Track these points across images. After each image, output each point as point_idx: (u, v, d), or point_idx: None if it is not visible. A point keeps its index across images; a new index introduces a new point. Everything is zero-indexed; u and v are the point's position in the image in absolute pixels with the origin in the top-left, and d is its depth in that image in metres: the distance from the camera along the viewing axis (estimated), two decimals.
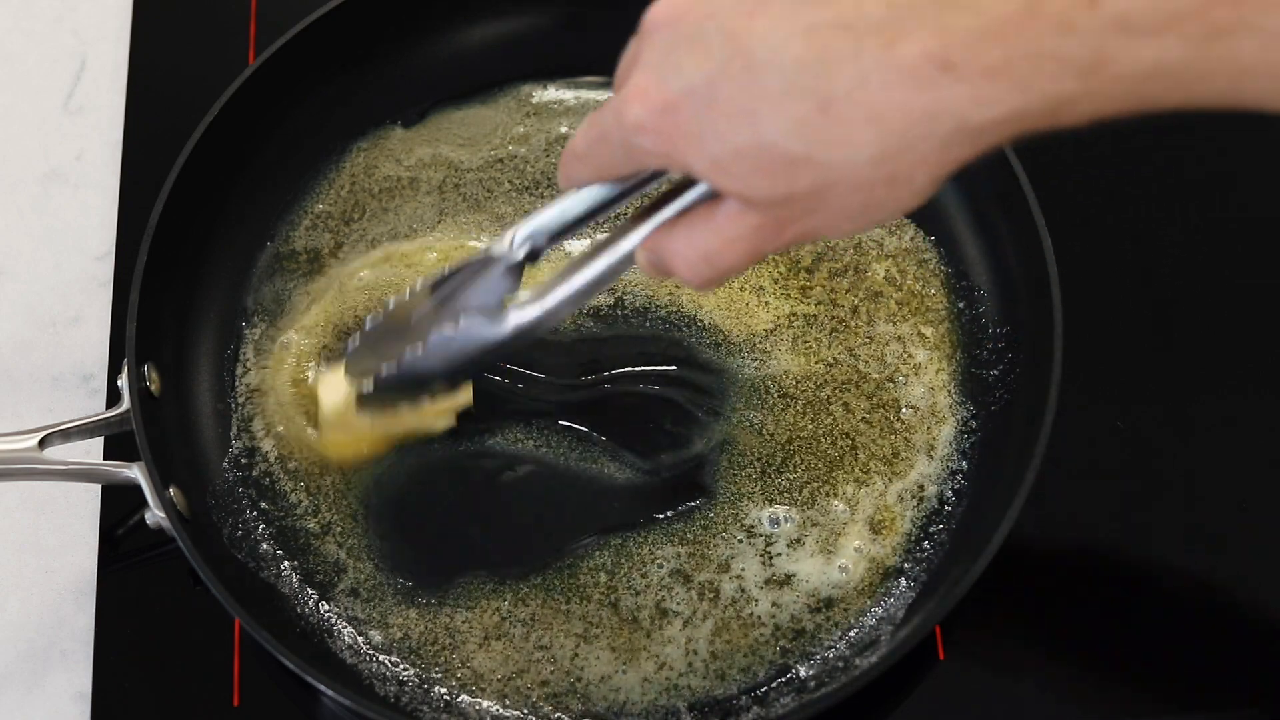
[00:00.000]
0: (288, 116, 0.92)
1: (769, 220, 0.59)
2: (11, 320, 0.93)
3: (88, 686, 0.82)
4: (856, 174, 0.55)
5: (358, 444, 0.82)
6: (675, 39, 0.57)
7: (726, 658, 0.80)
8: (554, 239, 0.68)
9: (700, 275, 0.62)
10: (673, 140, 0.57)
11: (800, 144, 0.55)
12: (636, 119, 0.58)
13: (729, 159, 0.56)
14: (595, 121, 0.62)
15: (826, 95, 0.54)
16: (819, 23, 0.54)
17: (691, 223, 0.62)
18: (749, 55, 0.55)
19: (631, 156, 0.60)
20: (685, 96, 0.56)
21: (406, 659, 0.80)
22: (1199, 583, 0.84)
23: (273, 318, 0.89)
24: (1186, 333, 0.90)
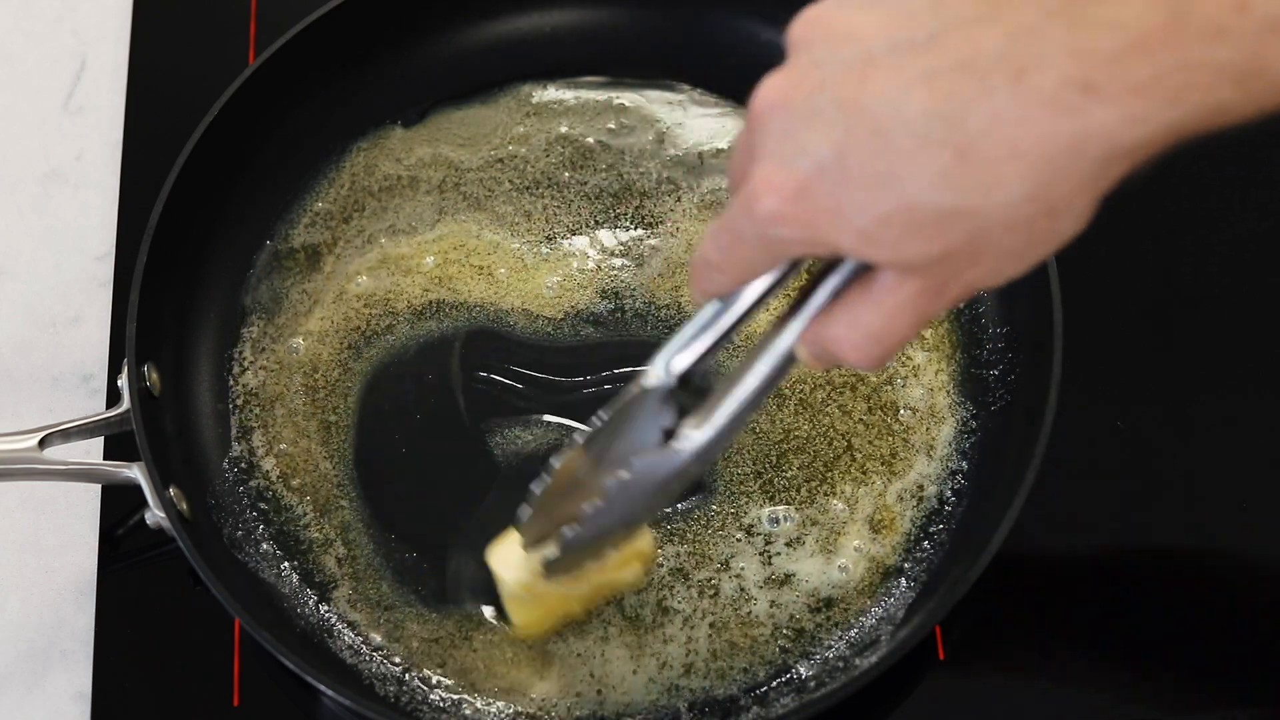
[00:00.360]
0: (288, 116, 0.92)
1: (929, 283, 0.56)
2: (11, 320, 0.93)
3: (88, 686, 0.82)
4: (1012, 215, 0.53)
5: (548, 615, 0.79)
6: (790, 120, 0.54)
7: (727, 657, 0.80)
8: (704, 357, 0.65)
9: (871, 356, 0.58)
10: (813, 223, 0.55)
11: (947, 196, 0.52)
12: (771, 211, 0.55)
13: (876, 228, 0.53)
14: (724, 227, 0.59)
15: (963, 141, 0.51)
16: (935, 69, 0.51)
17: (849, 305, 0.58)
18: (872, 118, 0.52)
19: (772, 250, 0.58)
20: (816, 176, 0.54)
21: (407, 659, 0.80)
22: (1199, 583, 0.84)
23: (270, 315, 0.89)
24: (1186, 333, 0.90)
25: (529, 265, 0.90)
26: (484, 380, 0.87)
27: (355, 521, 0.83)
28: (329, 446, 0.85)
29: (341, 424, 0.86)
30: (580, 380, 0.87)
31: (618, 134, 0.94)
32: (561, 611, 0.79)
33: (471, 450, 0.85)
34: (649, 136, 0.94)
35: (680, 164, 0.93)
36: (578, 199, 0.92)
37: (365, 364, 0.87)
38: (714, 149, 0.93)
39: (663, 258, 0.90)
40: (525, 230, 0.91)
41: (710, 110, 0.95)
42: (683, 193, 0.92)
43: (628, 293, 0.89)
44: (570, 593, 0.78)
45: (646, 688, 0.79)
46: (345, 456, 0.85)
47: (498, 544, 0.78)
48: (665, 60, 0.96)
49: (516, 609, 0.79)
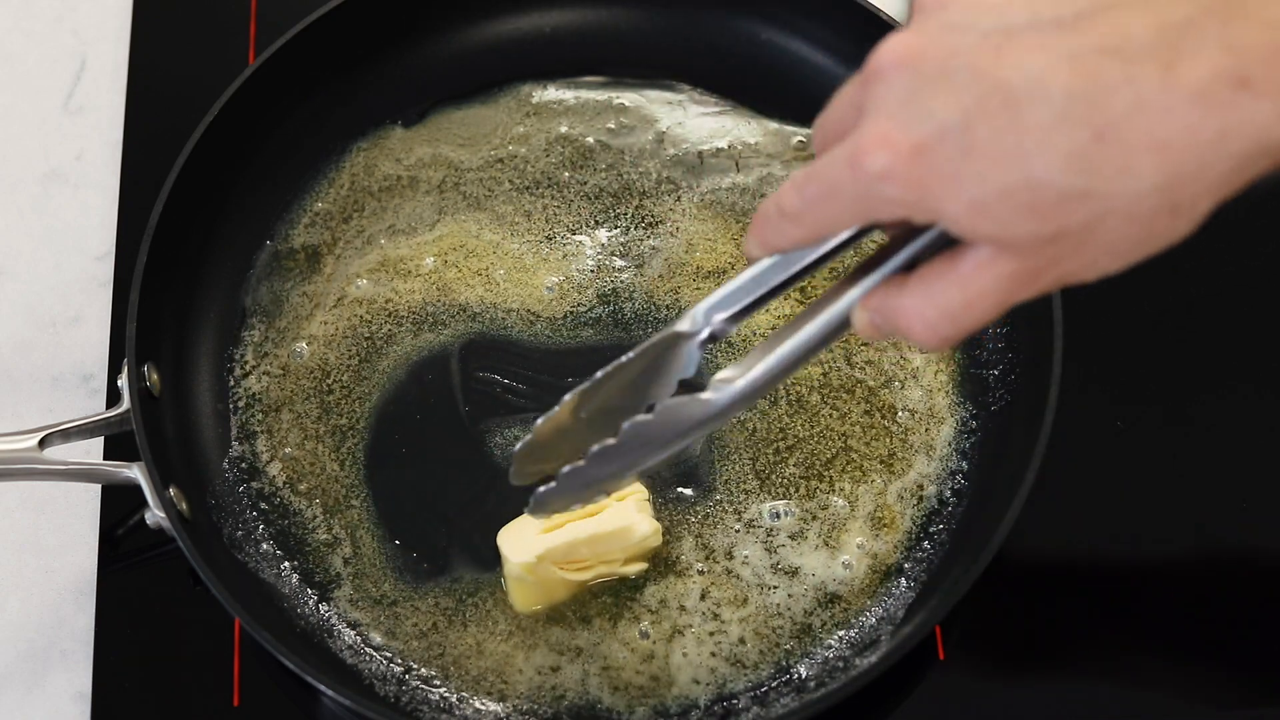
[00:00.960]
0: (288, 116, 0.92)
1: (1025, 266, 0.54)
2: (11, 320, 0.93)
3: (88, 686, 0.82)
4: (1137, 205, 0.52)
5: (548, 595, 0.80)
6: (916, 81, 0.53)
7: (729, 656, 0.80)
8: (743, 314, 0.62)
9: (940, 335, 0.56)
10: (925, 185, 0.53)
11: (1076, 177, 0.51)
12: (882, 166, 0.53)
13: (993, 201, 0.52)
14: (813, 178, 0.56)
15: (1101, 124, 0.50)
16: (1081, 49, 0.51)
17: (929, 276, 0.56)
18: (1007, 90, 0.51)
19: (867, 208, 0.55)
20: (938, 139, 0.52)
21: (407, 659, 0.80)
22: (1199, 583, 0.84)
23: (271, 319, 0.89)
24: (1186, 333, 0.90)
25: (529, 266, 0.90)
26: (484, 381, 0.87)
27: (362, 521, 0.83)
28: (336, 449, 0.85)
29: (347, 427, 0.86)
30: (580, 381, 0.86)
31: (617, 134, 0.94)
32: (558, 595, 0.80)
33: (471, 451, 0.85)
34: (649, 136, 0.94)
35: (680, 163, 0.93)
36: (578, 199, 0.92)
37: (367, 366, 0.87)
38: (714, 148, 0.93)
39: (663, 258, 0.90)
40: (525, 230, 0.91)
41: (710, 110, 0.95)
42: (682, 192, 0.92)
43: (627, 293, 0.89)
44: (570, 579, 0.79)
45: (648, 688, 0.79)
46: (349, 458, 0.85)
47: (508, 528, 0.79)
48: (665, 60, 0.96)
49: (515, 587, 0.80)
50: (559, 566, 0.79)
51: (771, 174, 0.92)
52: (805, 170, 0.57)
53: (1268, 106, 0.50)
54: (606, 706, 0.79)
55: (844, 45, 0.93)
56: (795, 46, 0.95)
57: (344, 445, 0.85)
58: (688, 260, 0.90)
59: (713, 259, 0.90)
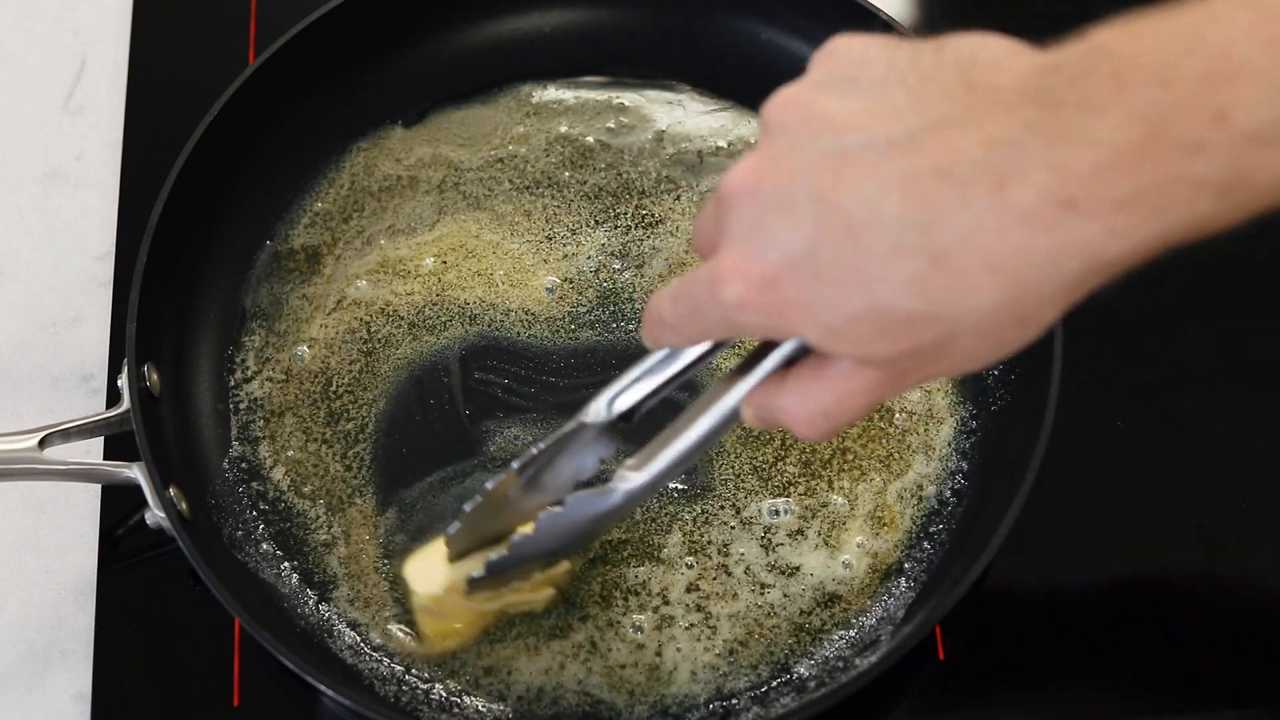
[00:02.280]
0: (288, 116, 0.92)
1: (887, 373, 0.56)
2: (11, 320, 0.93)
3: (88, 686, 0.82)
4: (981, 322, 0.52)
5: (458, 629, 0.80)
6: (761, 208, 0.54)
7: (730, 654, 0.80)
8: (647, 399, 0.67)
9: (818, 430, 0.59)
10: (779, 314, 0.55)
11: (919, 302, 0.52)
12: (737, 298, 0.55)
13: (844, 325, 0.54)
14: (685, 294, 0.59)
15: (937, 249, 0.51)
16: (913, 173, 0.51)
17: (802, 379, 0.58)
18: (846, 216, 0.52)
19: (730, 330, 0.58)
20: (785, 268, 0.54)
21: (407, 659, 0.80)
22: (1199, 582, 0.84)
23: (271, 322, 0.89)
24: (1186, 333, 0.90)
25: (528, 266, 0.90)
26: (484, 382, 0.87)
27: (362, 522, 0.83)
28: (338, 451, 0.85)
29: (349, 429, 0.86)
30: (580, 381, 0.87)
31: (617, 133, 0.94)
32: (470, 627, 0.79)
33: (471, 451, 0.85)
34: (648, 136, 0.94)
35: (680, 163, 0.93)
36: (577, 199, 0.92)
37: (368, 369, 0.87)
38: (713, 147, 0.93)
39: (663, 258, 0.90)
40: (525, 230, 0.91)
41: (709, 109, 0.95)
42: (682, 191, 0.92)
43: (627, 293, 0.89)
44: (480, 609, 0.79)
45: (649, 687, 0.79)
46: (351, 460, 0.85)
47: (413, 557, 0.80)
48: (665, 60, 0.96)
49: (424, 619, 0.79)
50: (464, 596, 0.77)
51: None
52: (679, 283, 0.60)
53: (1095, 226, 0.50)
54: (607, 705, 0.79)
55: None
56: (795, 46, 0.95)
57: (346, 447, 0.85)
58: (688, 260, 0.90)
59: None
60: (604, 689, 0.79)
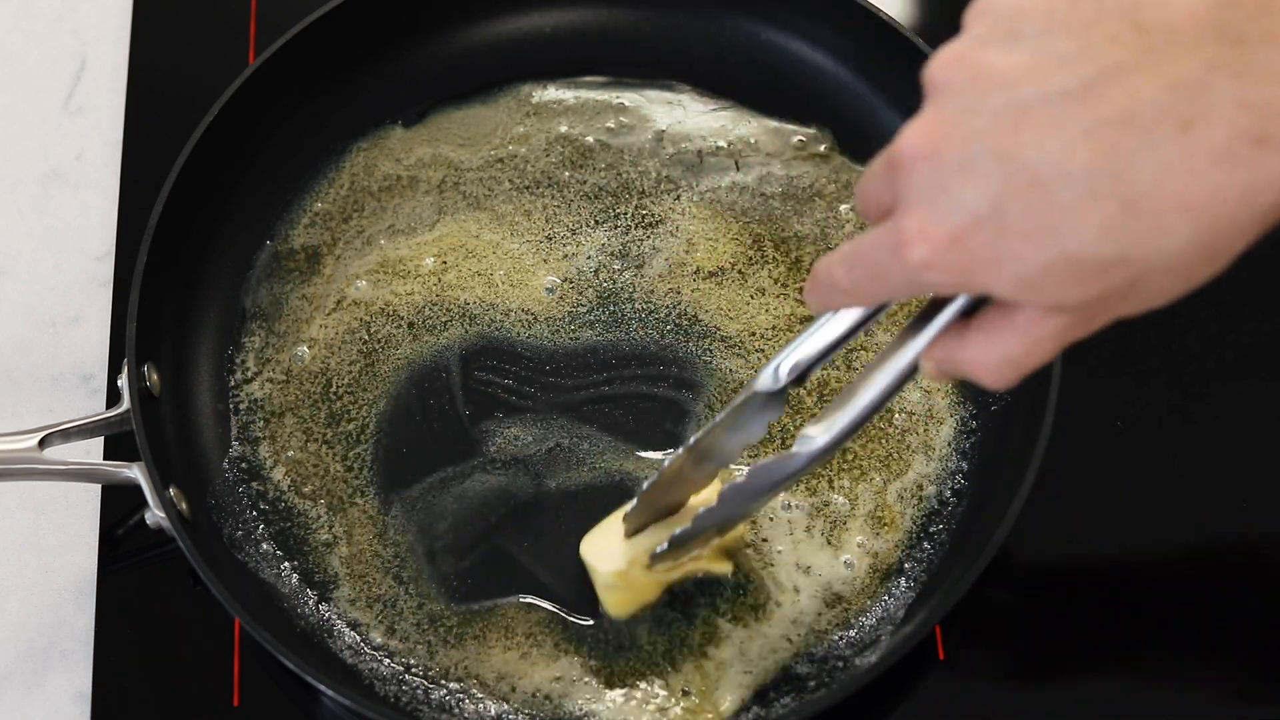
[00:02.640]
0: (288, 116, 0.92)
1: (1077, 317, 0.56)
2: (11, 320, 0.93)
3: (88, 686, 0.82)
4: (1174, 261, 0.53)
5: (639, 598, 0.80)
6: (940, 170, 0.54)
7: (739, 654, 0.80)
8: (817, 363, 0.67)
9: (1005, 379, 0.59)
10: (968, 271, 0.55)
11: (1112, 247, 0.52)
12: (923, 258, 0.55)
13: (1036, 276, 0.54)
14: (863, 258, 0.59)
15: (1128, 194, 0.51)
16: (1096, 122, 0.52)
17: (986, 327, 0.58)
18: (1031, 171, 0.52)
19: (914, 290, 0.58)
20: (973, 227, 0.54)
21: (407, 659, 0.80)
22: (1199, 583, 0.84)
23: (271, 323, 0.89)
24: (1186, 332, 0.90)
25: (528, 266, 0.90)
26: (484, 382, 0.87)
27: (362, 522, 0.83)
28: (338, 452, 0.85)
29: (349, 429, 0.86)
30: (580, 381, 0.87)
31: (617, 133, 0.94)
32: (651, 594, 0.81)
33: (471, 451, 0.85)
34: (648, 135, 0.94)
35: (680, 163, 0.93)
36: (577, 198, 0.92)
37: (368, 369, 0.87)
38: (713, 147, 0.93)
39: (663, 258, 0.90)
40: (525, 230, 0.91)
41: (709, 109, 0.95)
42: (682, 191, 0.92)
43: (627, 294, 0.89)
44: (661, 579, 0.80)
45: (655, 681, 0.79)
46: (351, 460, 0.85)
47: (590, 536, 0.80)
48: (665, 60, 0.96)
49: (607, 595, 0.80)
50: (647, 569, 0.79)
51: (771, 173, 0.92)
52: (854, 248, 0.59)
53: None
54: (608, 704, 0.79)
55: (844, 45, 0.93)
56: (795, 46, 0.95)
57: (346, 447, 0.85)
58: (688, 260, 0.90)
59: (713, 259, 0.90)
60: (605, 688, 0.79)
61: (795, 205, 0.92)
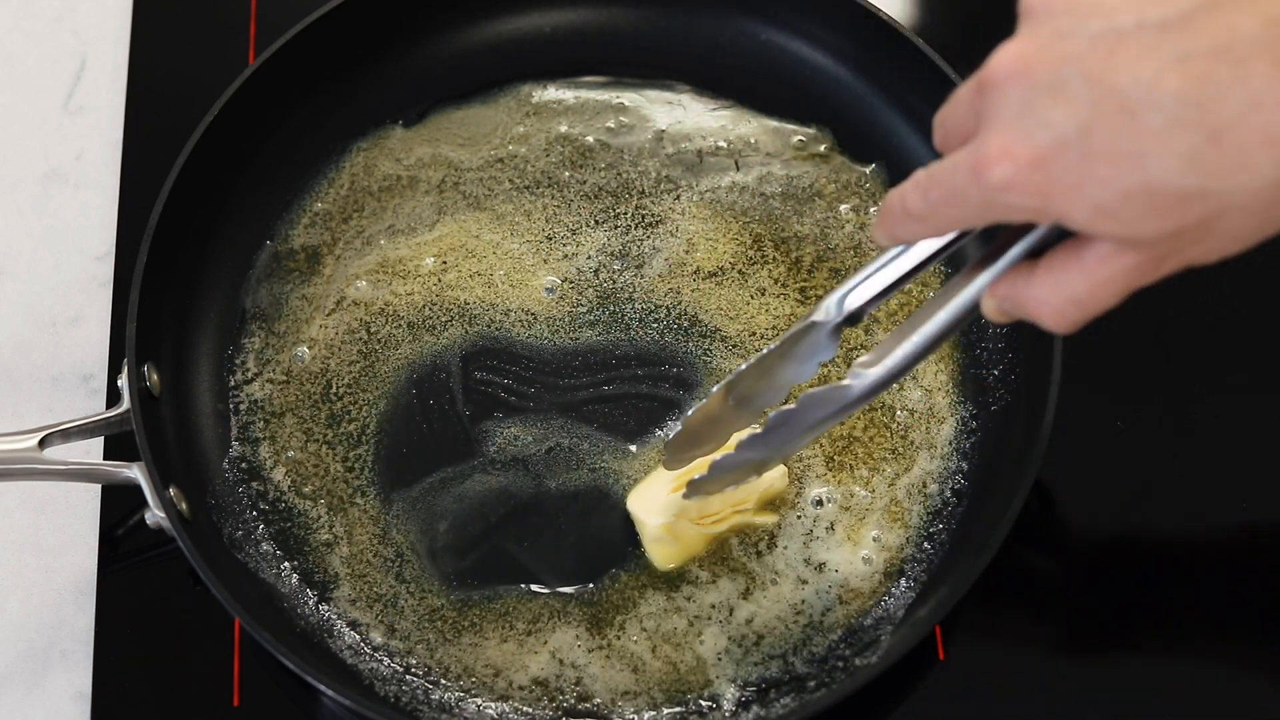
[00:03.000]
0: (288, 116, 0.92)
1: (1148, 257, 0.56)
2: (11, 320, 0.93)
3: (88, 686, 0.82)
4: (1254, 199, 0.53)
5: (687, 551, 0.81)
6: (1031, 90, 0.55)
7: (742, 650, 0.80)
8: (880, 298, 0.66)
9: (1068, 320, 0.59)
10: (1048, 193, 0.55)
11: (1194, 178, 0.53)
12: (1004, 178, 0.55)
13: (1115, 203, 0.54)
14: (939, 181, 0.59)
15: (1215, 125, 0.52)
16: (1190, 51, 0.52)
17: (1054, 266, 0.58)
18: (1121, 96, 0.53)
19: (991, 214, 0.58)
20: (1058, 148, 0.54)
21: (407, 659, 0.80)
22: (1199, 583, 0.84)
23: (270, 323, 0.89)
24: (1186, 332, 0.90)
25: (528, 266, 0.90)
26: (484, 382, 0.87)
27: (362, 522, 0.83)
28: (338, 452, 0.85)
29: (349, 430, 0.86)
30: (580, 381, 0.87)
31: (617, 133, 0.94)
32: (699, 547, 0.81)
33: (471, 451, 0.85)
34: (648, 135, 0.94)
35: (679, 162, 0.93)
36: (577, 198, 0.92)
37: (368, 369, 0.87)
38: (713, 147, 0.93)
39: (663, 258, 0.90)
40: (525, 230, 0.91)
41: (709, 109, 0.95)
42: (682, 191, 0.92)
43: (627, 294, 0.89)
44: (706, 533, 0.80)
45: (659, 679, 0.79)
46: (351, 460, 0.85)
47: (636, 490, 0.80)
48: (665, 60, 0.96)
49: (655, 548, 0.80)
50: (694, 522, 0.79)
51: (771, 172, 0.92)
52: (929, 172, 0.59)
53: None
54: (610, 706, 0.79)
55: (844, 45, 0.93)
56: (795, 46, 0.95)
57: (346, 447, 0.85)
58: (688, 260, 0.90)
59: (713, 258, 0.90)
60: (605, 689, 0.79)
61: (795, 205, 0.92)
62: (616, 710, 0.79)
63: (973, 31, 0.99)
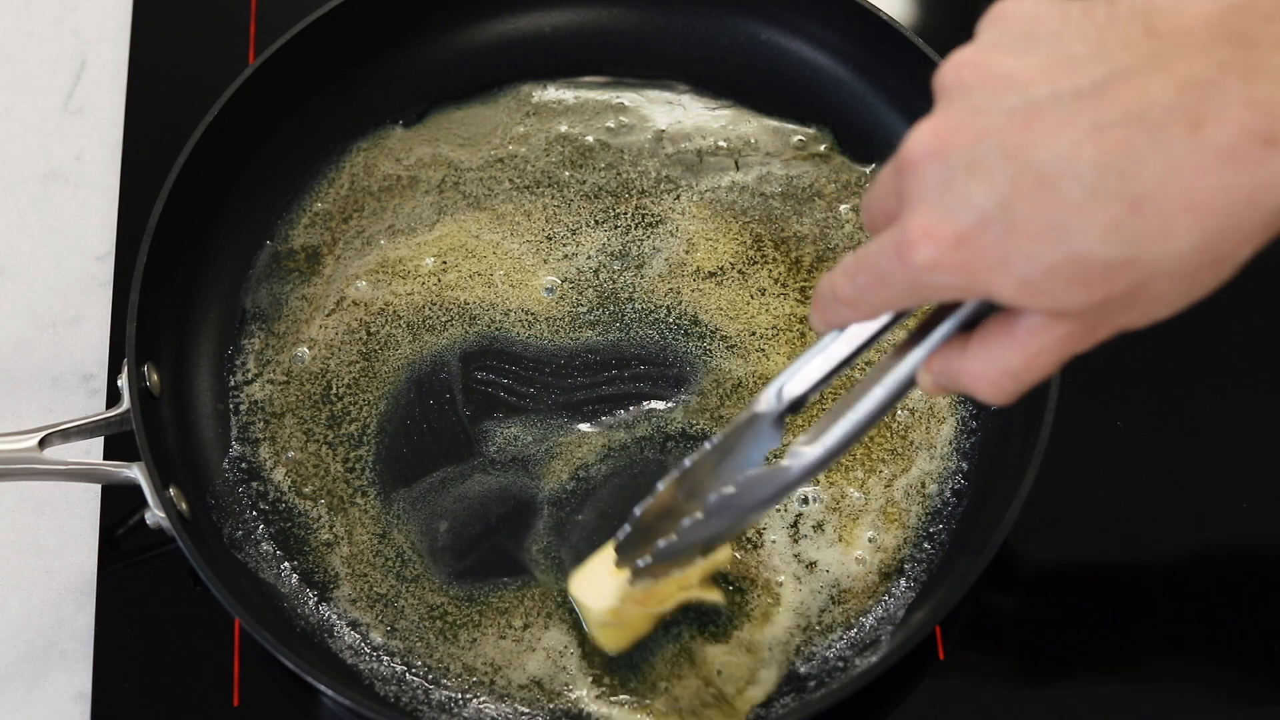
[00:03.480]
0: (288, 116, 0.92)
1: (1079, 326, 0.56)
2: (11, 320, 0.93)
3: (88, 686, 0.82)
4: (1179, 265, 0.53)
5: (633, 632, 0.79)
6: (947, 169, 0.54)
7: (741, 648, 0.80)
8: (820, 386, 0.65)
9: (1004, 392, 0.59)
10: (973, 271, 0.55)
11: (1118, 248, 0.52)
12: (928, 259, 0.55)
13: (1041, 278, 0.53)
14: (865, 266, 0.58)
15: (1135, 193, 0.51)
16: (1106, 120, 0.52)
17: (987, 340, 0.58)
18: (1040, 169, 0.52)
19: (919, 295, 0.57)
20: (979, 226, 0.54)
21: (407, 659, 0.80)
22: (1199, 583, 0.84)
23: (270, 324, 0.89)
24: (1186, 333, 0.90)
25: (528, 266, 0.90)
26: (484, 382, 0.87)
27: (362, 522, 0.83)
28: (339, 452, 0.85)
29: (350, 430, 0.86)
30: (580, 381, 0.87)
31: (617, 133, 0.94)
32: (645, 628, 0.79)
33: (471, 451, 0.85)
34: (648, 135, 0.94)
35: (679, 162, 0.93)
36: (577, 198, 0.92)
37: (368, 370, 0.88)
38: (713, 146, 0.93)
39: (663, 258, 0.90)
40: (525, 230, 0.91)
41: (709, 109, 0.95)
42: (682, 191, 0.92)
43: (627, 294, 0.89)
44: (653, 613, 0.79)
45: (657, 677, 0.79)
46: (351, 461, 0.85)
47: (577, 574, 0.79)
48: (665, 60, 0.96)
49: (601, 633, 0.79)
50: (639, 603, 0.78)
51: (771, 172, 0.92)
52: (857, 257, 0.59)
53: None
54: (607, 703, 0.79)
55: (844, 45, 0.93)
56: (795, 46, 0.95)
57: (347, 448, 0.85)
58: (688, 260, 0.90)
59: (713, 258, 0.90)
60: (603, 686, 0.79)
61: (795, 205, 0.92)
62: (616, 709, 0.79)
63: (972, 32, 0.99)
